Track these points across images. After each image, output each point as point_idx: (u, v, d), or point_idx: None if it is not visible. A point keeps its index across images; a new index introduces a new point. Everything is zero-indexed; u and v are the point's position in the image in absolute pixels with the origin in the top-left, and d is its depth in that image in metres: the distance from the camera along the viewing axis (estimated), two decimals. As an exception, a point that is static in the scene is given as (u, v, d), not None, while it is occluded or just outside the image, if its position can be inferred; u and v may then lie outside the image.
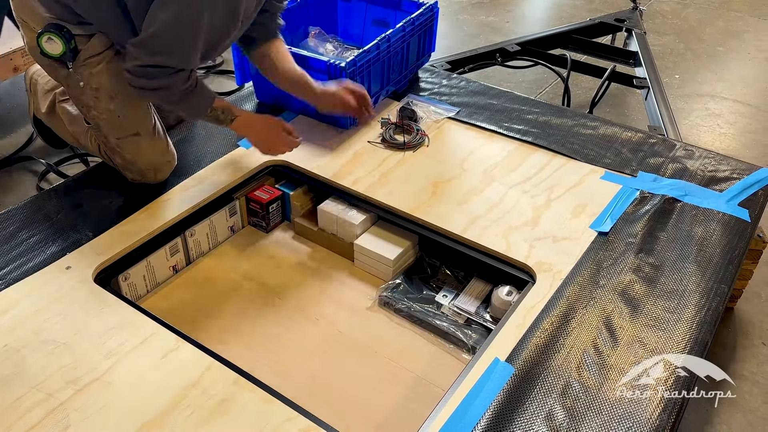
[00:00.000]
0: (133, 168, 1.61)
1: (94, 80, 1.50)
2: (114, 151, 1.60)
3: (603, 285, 1.37)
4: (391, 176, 1.70)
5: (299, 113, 1.96)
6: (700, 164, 1.76)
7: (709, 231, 1.52)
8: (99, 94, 1.52)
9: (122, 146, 1.58)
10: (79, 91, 1.52)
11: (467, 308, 1.51)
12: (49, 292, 1.34)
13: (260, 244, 1.72)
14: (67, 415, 1.10)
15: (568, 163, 1.77)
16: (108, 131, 1.57)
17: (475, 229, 1.54)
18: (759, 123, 2.82)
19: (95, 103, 1.53)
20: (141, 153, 1.59)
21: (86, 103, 1.54)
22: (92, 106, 1.54)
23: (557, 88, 2.97)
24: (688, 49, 3.42)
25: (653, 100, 2.37)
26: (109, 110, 1.53)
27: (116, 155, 1.61)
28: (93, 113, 1.55)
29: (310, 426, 1.09)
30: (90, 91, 1.51)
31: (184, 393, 1.14)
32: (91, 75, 1.50)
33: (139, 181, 1.63)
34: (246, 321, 1.49)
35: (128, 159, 1.59)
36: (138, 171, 1.61)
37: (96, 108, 1.54)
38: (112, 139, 1.58)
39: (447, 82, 2.16)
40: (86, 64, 1.49)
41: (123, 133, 1.57)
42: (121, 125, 1.56)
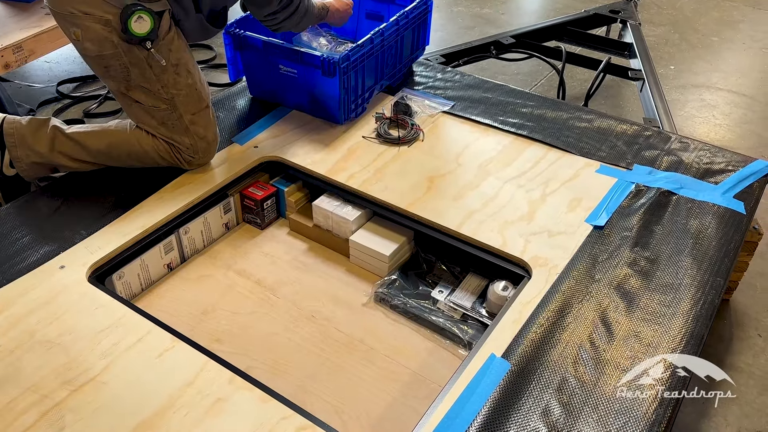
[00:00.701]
0: (201, 144, 1.63)
1: (173, 56, 1.53)
2: (186, 132, 1.61)
3: (599, 279, 1.37)
4: (386, 171, 1.70)
5: (293, 108, 1.95)
6: (695, 156, 1.76)
7: (705, 224, 1.52)
8: (179, 69, 1.55)
9: (197, 121, 1.62)
10: (160, 70, 1.53)
11: (463, 304, 1.51)
12: (42, 292, 1.33)
13: (255, 240, 1.72)
14: (62, 416, 1.10)
15: (563, 156, 1.77)
16: (185, 108, 1.59)
17: (470, 225, 1.53)
18: (754, 113, 2.82)
19: (176, 80, 1.55)
20: (210, 124, 1.65)
21: (167, 82, 1.55)
22: (173, 84, 1.56)
23: (552, 81, 2.96)
24: (683, 39, 3.42)
25: (648, 91, 2.36)
26: (188, 84, 1.58)
27: (186, 136, 1.61)
28: (172, 92, 1.57)
29: (307, 424, 1.09)
30: (171, 68, 1.54)
31: (180, 393, 1.14)
32: (170, 51, 1.53)
33: (196, 164, 1.66)
34: (241, 319, 1.49)
35: (200, 134, 1.63)
36: (205, 146, 1.64)
37: (176, 85, 1.56)
38: (187, 117, 1.60)
39: (441, 76, 2.15)
40: (165, 41, 1.51)
41: (199, 105, 1.61)
42: (198, 97, 1.61)
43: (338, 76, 1.77)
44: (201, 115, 1.63)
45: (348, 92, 1.83)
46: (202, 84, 1.65)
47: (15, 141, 1.63)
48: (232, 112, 1.93)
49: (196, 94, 1.61)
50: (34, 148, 1.63)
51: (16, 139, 1.63)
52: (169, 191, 1.61)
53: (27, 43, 2.42)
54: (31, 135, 1.63)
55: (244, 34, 1.85)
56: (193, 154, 1.64)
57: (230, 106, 1.96)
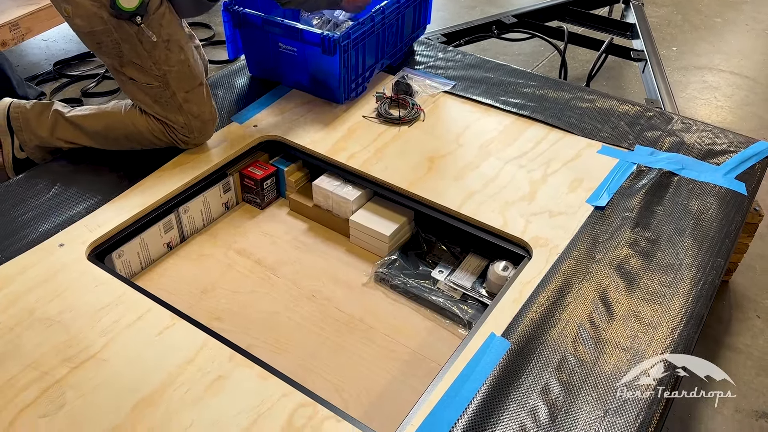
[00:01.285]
0: (195, 123, 1.61)
1: (164, 32, 1.51)
2: (179, 110, 1.59)
3: (599, 259, 1.37)
4: (386, 151, 1.69)
5: (293, 87, 1.93)
6: (697, 137, 1.75)
7: (706, 205, 1.52)
8: (171, 45, 1.53)
9: (190, 99, 1.59)
10: (151, 46, 1.51)
11: (463, 284, 1.51)
12: (42, 270, 1.32)
13: (255, 220, 1.71)
14: (62, 392, 1.10)
15: (564, 137, 1.76)
16: (178, 85, 1.57)
17: (471, 205, 1.53)
18: (756, 95, 2.80)
19: (167, 56, 1.53)
20: (205, 102, 1.62)
21: (158, 58, 1.53)
22: (164, 61, 1.54)
23: (554, 61, 2.94)
24: (686, 20, 3.39)
25: (650, 72, 2.35)
26: (180, 61, 1.55)
27: (180, 114, 1.60)
28: (164, 69, 1.55)
29: (307, 401, 1.10)
30: (162, 43, 1.52)
31: (180, 370, 1.14)
32: (161, 27, 1.51)
33: (192, 143, 1.64)
34: (241, 298, 1.49)
35: (194, 112, 1.60)
36: (200, 125, 1.62)
37: (168, 62, 1.54)
38: (180, 95, 1.58)
39: (443, 55, 2.13)
40: (156, 16, 1.49)
41: (192, 83, 1.59)
42: (191, 74, 1.58)
43: (338, 55, 1.75)
44: (195, 92, 1.60)
45: (348, 71, 1.81)
46: (196, 61, 1.63)
47: (21, 125, 1.65)
48: (231, 91, 1.92)
49: (189, 71, 1.58)
50: (36, 132, 1.65)
51: (21, 123, 1.65)
52: (169, 170, 1.61)
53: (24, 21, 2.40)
54: (35, 119, 1.65)
55: (244, 11, 1.83)
56: (188, 134, 1.62)
57: (229, 84, 1.95)
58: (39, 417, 1.06)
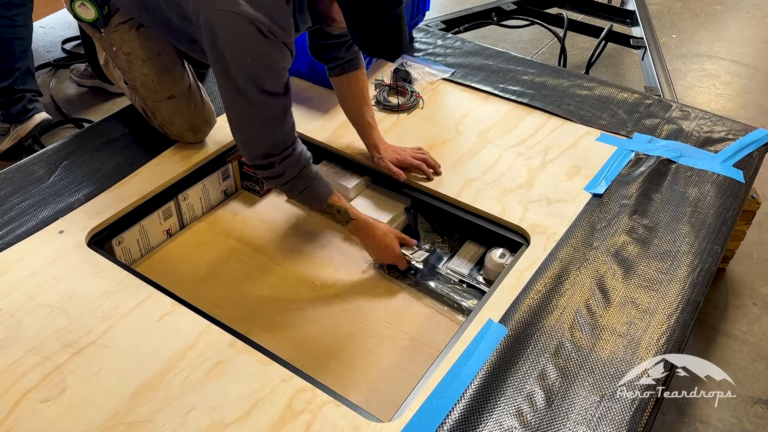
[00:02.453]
0: (172, 128, 1.62)
1: (126, 45, 1.51)
2: (153, 112, 1.61)
3: (596, 247, 1.38)
4: (385, 139, 1.69)
5: (291, 75, 1.92)
6: (695, 125, 1.75)
7: (704, 192, 1.52)
8: (131, 58, 1.52)
9: (159, 108, 1.59)
10: (113, 54, 1.54)
11: (461, 270, 1.51)
12: (42, 257, 1.33)
13: (254, 208, 1.72)
14: (64, 377, 1.11)
15: (563, 124, 1.76)
16: (144, 94, 1.58)
17: (469, 192, 1.53)
18: (756, 83, 2.80)
19: (129, 67, 1.54)
20: (178, 114, 1.60)
21: (121, 66, 1.55)
22: (126, 70, 1.55)
23: (553, 48, 2.93)
24: (686, 8, 3.37)
25: (650, 60, 2.35)
26: (143, 74, 1.54)
27: (156, 116, 1.62)
28: (128, 76, 1.56)
29: (306, 386, 1.11)
30: (123, 55, 1.52)
31: (180, 355, 1.15)
32: (123, 40, 1.50)
33: (182, 140, 1.64)
34: (241, 285, 1.49)
35: (167, 120, 1.61)
36: (177, 131, 1.62)
37: (130, 72, 1.55)
38: (150, 102, 1.59)
39: (442, 42, 2.12)
40: (117, 30, 1.49)
41: (159, 96, 1.57)
42: (155, 89, 1.56)
43: (337, 42, 1.74)
44: (164, 104, 1.58)
45: (347, 58, 1.81)
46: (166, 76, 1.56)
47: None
48: (230, 78, 1.91)
49: (153, 85, 1.56)
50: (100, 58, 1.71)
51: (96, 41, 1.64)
52: (168, 157, 1.61)
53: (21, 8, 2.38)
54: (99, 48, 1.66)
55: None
56: (168, 134, 1.64)
57: (228, 72, 1.94)
58: (40, 402, 1.07)
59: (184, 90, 1.59)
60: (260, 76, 1.26)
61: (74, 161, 1.59)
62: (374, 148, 1.60)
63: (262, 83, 1.26)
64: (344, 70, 1.56)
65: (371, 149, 1.61)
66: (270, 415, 1.06)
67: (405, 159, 1.58)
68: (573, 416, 1.06)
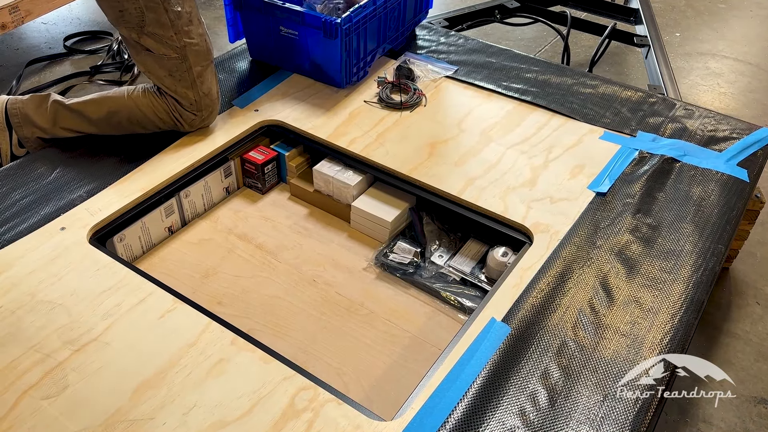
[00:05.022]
0: (205, 101, 1.63)
1: (187, 4, 1.54)
2: (192, 85, 1.61)
3: (600, 245, 1.37)
4: (387, 137, 1.68)
5: (294, 71, 1.92)
6: (699, 124, 1.75)
7: (707, 191, 1.52)
8: (192, 18, 1.56)
9: (203, 75, 1.62)
10: (175, 16, 1.53)
11: (462, 269, 1.51)
12: (43, 254, 1.33)
13: (256, 205, 1.71)
14: (65, 374, 1.11)
15: (566, 122, 1.75)
16: (195, 59, 1.59)
17: (472, 191, 1.53)
18: (760, 82, 2.79)
19: (189, 28, 1.56)
20: (215, 81, 1.65)
21: (180, 29, 1.55)
22: (187, 32, 1.56)
23: (557, 47, 2.92)
24: (690, 6, 3.36)
25: (653, 58, 2.34)
26: (200, 34, 1.58)
27: (192, 90, 1.61)
28: (184, 41, 1.56)
29: (308, 384, 1.10)
30: (186, 14, 1.54)
31: (182, 353, 1.15)
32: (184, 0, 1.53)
33: (197, 124, 1.65)
34: (242, 282, 1.49)
35: (205, 89, 1.63)
36: (209, 102, 1.64)
37: (189, 34, 1.56)
38: (196, 69, 1.60)
39: (445, 40, 2.12)
40: None
41: (207, 59, 1.62)
42: (207, 50, 1.61)
43: (340, 39, 1.74)
44: (208, 69, 1.63)
45: (350, 55, 1.80)
46: (210, 39, 1.65)
47: (20, 120, 1.64)
48: (232, 75, 1.91)
49: (206, 47, 1.61)
50: (37, 125, 1.63)
51: (20, 118, 1.64)
52: (169, 154, 1.60)
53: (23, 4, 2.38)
54: (33, 112, 1.63)
55: (245, -6, 1.82)
56: (196, 111, 1.62)
57: (230, 68, 1.94)
58: (42, 399, 1.07)
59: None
60: None
61: (76, 158, 1.58)
62: None
63: None
64: None
65: None
66: (271, 413, 1.06)
67: None
68: (576, 416, 1.06)
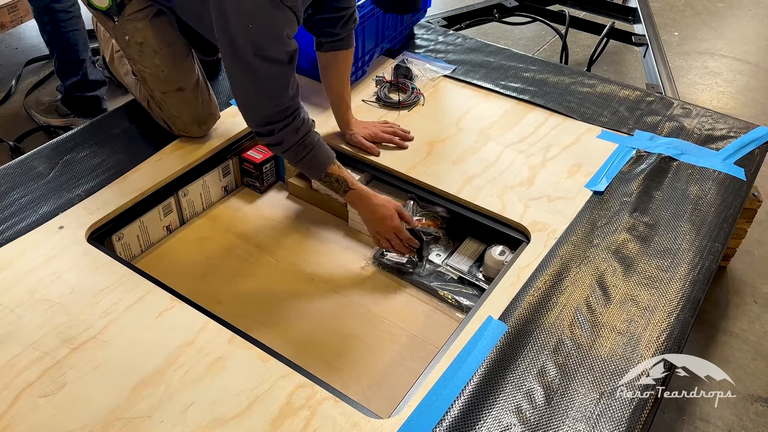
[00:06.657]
0: (177, 121, 1.62)
1: (139, 35, 1.51)
2: (160, 105, 1.61)
3: (597, 244, 1.38)
4: (385, 135, 1.68)
5: (292, 71, 1.92)
6: (697, 123, 1.75)
7: (705, 190, 1.52)
8: (143, 48, 1.53)
9: (166, 100, 1.59)
10: (125, 44, 1.54)
11: (460, 267, 1.51)
12: (42, 252, 1.33)
13: (254, 204, 1.71)
14: (63, 373, 1.11)
15: (564, 121, 1.75)
16: (153, 85, 1.58)
17: (470, 189, 1.53)
18: (758, 81, 2.79)
19: (140, 57, 1.54)
20: (185, 107, 1.60)
21: (131, 56, 1.56)
22: (137, 60, 1.55)
23: (555, 46, 2.92)
24: (688, 5, 3.37)
25: (651, 57, 2.34)
26: (154, 65, 1.55)
27: (162, 109, 1.62)
28: (138, 67, 1.57)
29: (306, 382, 1.11)
30: (135, 45, 1.53)
31: (180, 351, 1.15)
32: (136, 30, 1.51)
33: (185, 134, 1.64)
34: (241, 281, 1.49)
35: (172, 113, 1.61)
36: (182, 124, 1.62)
37: (141, 62, 1.55)
38: (158, 94, 1.59)
39: (443, 39, 2.12)
40: (130, 19, 1.50)
41: (167, 87, 1.58)
42: (165, 80, 1.57)
43: (338, 38, 1.74)
44: (172, 96, 1.58)
45: (348, 54, 1.80)
46: (177, 68, 1.56)
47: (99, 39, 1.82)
48: (231, 74, 1.91)
49: (163, 76, 1.56)
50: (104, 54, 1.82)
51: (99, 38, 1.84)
52: (168, 153, 1.61)
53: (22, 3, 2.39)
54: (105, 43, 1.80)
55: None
56: (171, 127, 1.64)
57: (229, 68, 1.94)
58: (40, 397, 1.07)
59: (193, 83, 1.60)
60: (263, 43, 1.25)
61: (74, 157, 1.58)
62: (347, 126, 1.66)
63: (265, 50, 1.26)
64: (336, 47, 1.57)
65: (344, 126, 1.67)
66: (269, 411, 1.06)
67: (377, 134, 1.65)
68: (572, 413, 1.06)
